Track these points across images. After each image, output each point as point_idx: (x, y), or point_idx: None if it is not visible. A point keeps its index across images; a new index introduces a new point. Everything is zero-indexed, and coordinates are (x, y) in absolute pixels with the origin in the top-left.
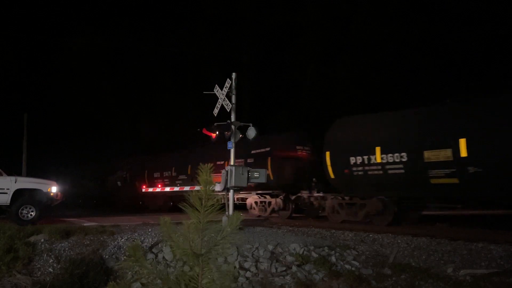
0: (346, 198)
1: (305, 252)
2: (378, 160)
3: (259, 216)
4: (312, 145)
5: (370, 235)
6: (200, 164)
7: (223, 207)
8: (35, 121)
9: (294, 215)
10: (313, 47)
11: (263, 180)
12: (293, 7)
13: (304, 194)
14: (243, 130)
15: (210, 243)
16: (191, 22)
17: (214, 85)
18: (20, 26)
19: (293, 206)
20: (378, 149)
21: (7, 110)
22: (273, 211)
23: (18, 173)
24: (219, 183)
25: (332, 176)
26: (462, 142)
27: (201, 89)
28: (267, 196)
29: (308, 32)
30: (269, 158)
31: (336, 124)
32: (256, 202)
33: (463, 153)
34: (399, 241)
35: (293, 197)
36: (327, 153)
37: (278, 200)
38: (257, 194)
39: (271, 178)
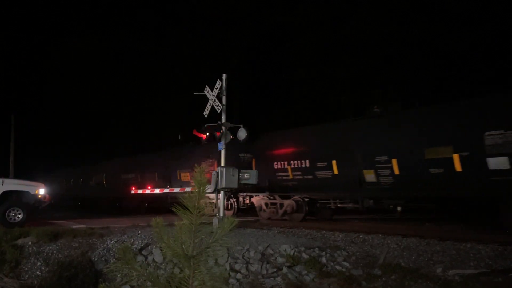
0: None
1: (295, 253)
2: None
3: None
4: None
5: (360, 236)
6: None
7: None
8: (24, 123)
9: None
10: (308, 48)
11: (253, 181)
12: (288, 8)
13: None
14: (234, 131)
15: (202, 245)
16: (186, 23)
17: (206, 85)
18: (14, 26)
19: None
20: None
21: None
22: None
23: (5, 175)
24: (209, 184)
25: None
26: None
27: (194, 89)
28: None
29: (304, 32)
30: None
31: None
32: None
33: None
34: (389, 241)
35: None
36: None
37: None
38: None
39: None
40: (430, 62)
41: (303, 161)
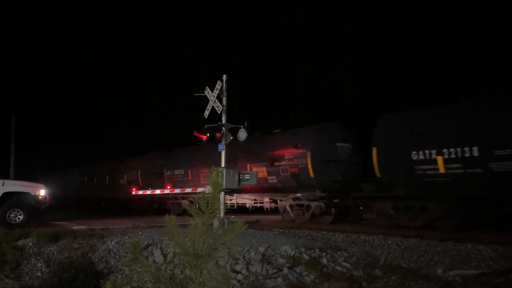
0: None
1: (296, 254)
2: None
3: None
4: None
5: (361, 237)
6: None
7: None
8: (24, 124)
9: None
10: (307, 48)
11: (254, 182)
12: (288, 8)
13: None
14: (234, 131)
15: (210, 247)
16: (186, 23)
17: (206, 86)
18: (14, 27)
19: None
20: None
21: None
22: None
23: (6, 176)
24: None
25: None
26: None
27: (194, 89)
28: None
29: (304, 32)
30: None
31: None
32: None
33: None
34: (389, 242)
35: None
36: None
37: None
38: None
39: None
40: (430, 62)
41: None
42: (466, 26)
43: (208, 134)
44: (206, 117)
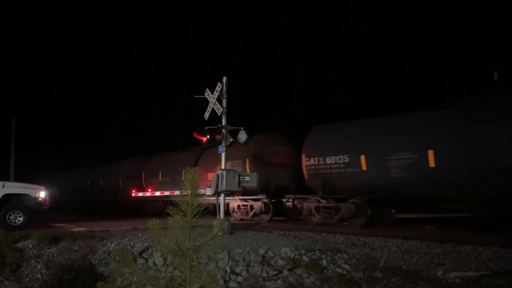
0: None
1: (296, 256)
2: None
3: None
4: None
5: (361, 239)
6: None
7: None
8: (24, 125)
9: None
10: (304, 50)
11: (254, 184)
12: (284, 9)
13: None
14: (234, 133)
15: (195, 246)
16: (183, 26)
17: (205, 89)
18: (13, 29)
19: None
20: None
21: None
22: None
23: (6, 178)
24: (210, 187)
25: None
26: None
27: (193, 92)
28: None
29: (299, 34)
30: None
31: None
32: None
33: None
34: (389, 244)
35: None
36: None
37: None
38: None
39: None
40: (430, 63)
41: None
42: (460, 29)
43: (208, 136)
44: (206, 119)
